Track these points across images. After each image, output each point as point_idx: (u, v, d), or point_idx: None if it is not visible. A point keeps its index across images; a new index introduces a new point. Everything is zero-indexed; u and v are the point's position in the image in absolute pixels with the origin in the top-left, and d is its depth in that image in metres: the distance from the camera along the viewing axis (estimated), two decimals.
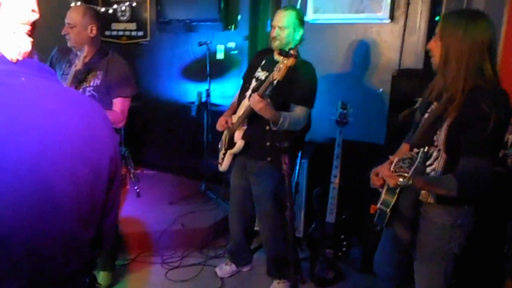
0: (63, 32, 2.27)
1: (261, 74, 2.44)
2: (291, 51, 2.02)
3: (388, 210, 1.65)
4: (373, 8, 3.14)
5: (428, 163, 1.58)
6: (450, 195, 1.47)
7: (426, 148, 1.48)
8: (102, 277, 2.60)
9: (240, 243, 2.81)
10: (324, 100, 2.91)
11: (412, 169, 1.39)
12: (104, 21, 4.54)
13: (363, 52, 3.34)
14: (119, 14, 4.42)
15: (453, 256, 1.62)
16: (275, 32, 2.33)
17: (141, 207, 3.56)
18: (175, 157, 4.44)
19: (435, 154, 1.57)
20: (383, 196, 1.67)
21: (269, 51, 2.51)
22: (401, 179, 1.39)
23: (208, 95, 3.61)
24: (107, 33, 4.56)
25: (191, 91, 4.11)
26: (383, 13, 3.12)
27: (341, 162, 2.81)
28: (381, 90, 3.31)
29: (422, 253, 1.69)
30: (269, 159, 2.38)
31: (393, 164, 1.52)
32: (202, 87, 3.78)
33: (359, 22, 3.29)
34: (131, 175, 3.87)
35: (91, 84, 2.31)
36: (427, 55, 3.12)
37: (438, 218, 1.61)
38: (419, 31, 3.11)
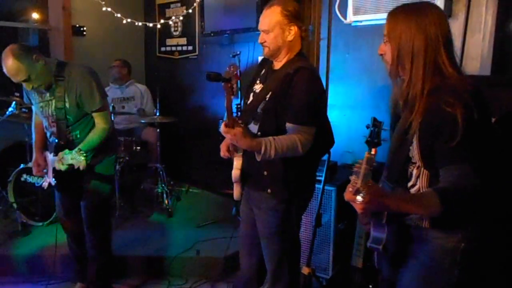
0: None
1: (257, 87, 2.06)
2: (227, 72, 1.68)
3: (381, 248, 1.42)
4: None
5: (410, 184, 1.39)
6: (434, 213, 1.26)
7: (373, 151, 1.35)
8: None
9: (247, 280, 2.42)
10: (368, 116, 2.40)
11: (360, 177, 1.20)
12: (161, 37, 4.58)
13: None
14: (172, 29, 4.39)
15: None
16: (260, 38, 1.93)
17: (164, 228, 3.37)
18: (221, 176, 4.19)
19: (415, 172, 1.38)
20: (372, 232, 1.44)
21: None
22: (358, 197, 1.20)
23: (238, 110, 3.29)
24: (162, 49, 4.58)
25: None
26: None
27: None
28: None
29: (413, 277, 1.45)
30: (269, 190, 1.98)
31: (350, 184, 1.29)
32: None
33: None
34: (165, 193, 3.72)
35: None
36: (498, 58, 2.44)
37: (435, 239, 1.39)
38: (484, 28, 2.40)
